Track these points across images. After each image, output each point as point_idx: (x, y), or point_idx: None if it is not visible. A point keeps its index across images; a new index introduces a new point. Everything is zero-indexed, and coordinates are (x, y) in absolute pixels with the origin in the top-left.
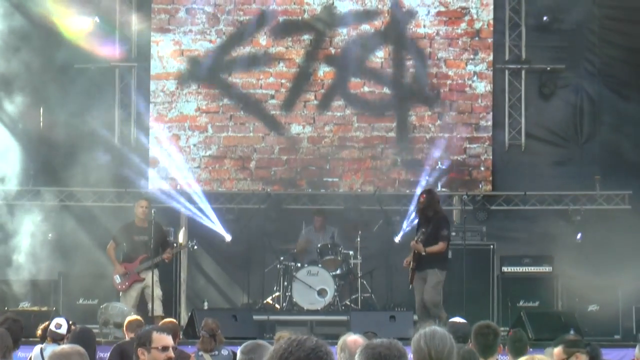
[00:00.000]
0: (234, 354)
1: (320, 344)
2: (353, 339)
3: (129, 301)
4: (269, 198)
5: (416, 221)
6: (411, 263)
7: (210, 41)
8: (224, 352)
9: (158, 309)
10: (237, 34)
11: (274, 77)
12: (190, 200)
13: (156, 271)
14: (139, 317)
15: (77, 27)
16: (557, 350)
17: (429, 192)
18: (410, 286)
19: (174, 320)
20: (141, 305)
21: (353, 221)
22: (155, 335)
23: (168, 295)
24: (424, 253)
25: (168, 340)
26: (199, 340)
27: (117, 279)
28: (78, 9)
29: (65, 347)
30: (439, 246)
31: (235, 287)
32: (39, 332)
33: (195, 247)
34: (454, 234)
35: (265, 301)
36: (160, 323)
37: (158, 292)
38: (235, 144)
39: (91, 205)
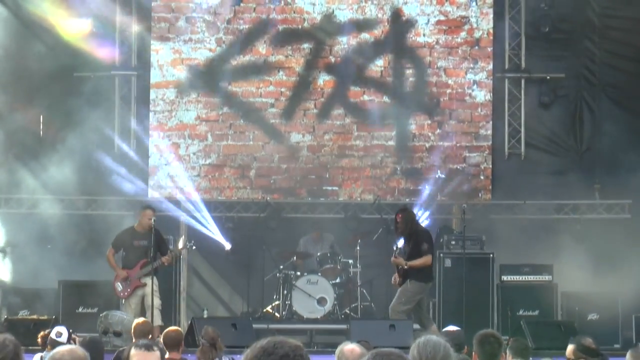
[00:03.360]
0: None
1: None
2: (350, 347)
3: (130, 309)
4: (268, 207)
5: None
6: (398, 280)
7: (210, 50)
8: (225, 359)
9: (157, 319)
10: (237, 43)
11: (273, 86)
12: (190, 208)
13: (155, 280)
14: (147, 320)
15: (76, 31)
16: (570, 348)
17: (403, 210)
18: None
19: (178, 329)
20: (141, 315)
21: (353, 230)
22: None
23: (168, 304)
24: (405, 267)
25: (147, 357)
26: (198, 349)
27: (119, 286)
28: (77, 15)
29: (63, 348)
30: (423, 259)
31: (234, 296)
32: (39, 340)
33: (194, 247)
34: (453, 242)
35: (265, 310)
36: (165, 332)
37: (157, 301)
38: (235, 153)
39: (91, 214)
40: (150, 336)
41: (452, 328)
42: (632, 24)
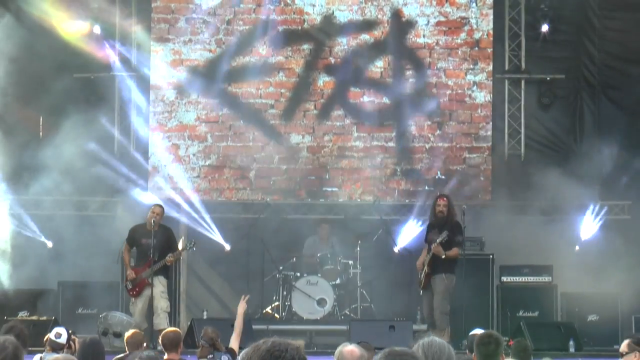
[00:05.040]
0: (233, 357)
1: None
2: (349, 349)
3: (136, 310)
4: (268, 208)
5: (423, 225)
6: (425, 267)
7: (210, 51)
8: (224, 357)
9: (163, 322)
10: (237, 44)
11: (273, 87)
12: (190, 209)
13: (164, 281)
14: (137, 331)
15: (76, 32)
16: (624, 343)
17: (448, 196)
18: (421, 292)
19: (177, 330)
20: (149, 316)
21: (352, 231)
22: None
23: None
24: (443, 256)
25: None
26: (198, 350)
27: (128, 285)
28: (77, 16)
29: (59, 357)
30: (455, 251)
31: (234, 297)
32: (45, 342)
33: (194, 248)
34: None
35: (264, 311)
36: (163, 333)
37: (164, 304)
38: (234, 154)
39: (90, 215)
40: (144, 345)
41: (478, 331)
42: (631, 26)
